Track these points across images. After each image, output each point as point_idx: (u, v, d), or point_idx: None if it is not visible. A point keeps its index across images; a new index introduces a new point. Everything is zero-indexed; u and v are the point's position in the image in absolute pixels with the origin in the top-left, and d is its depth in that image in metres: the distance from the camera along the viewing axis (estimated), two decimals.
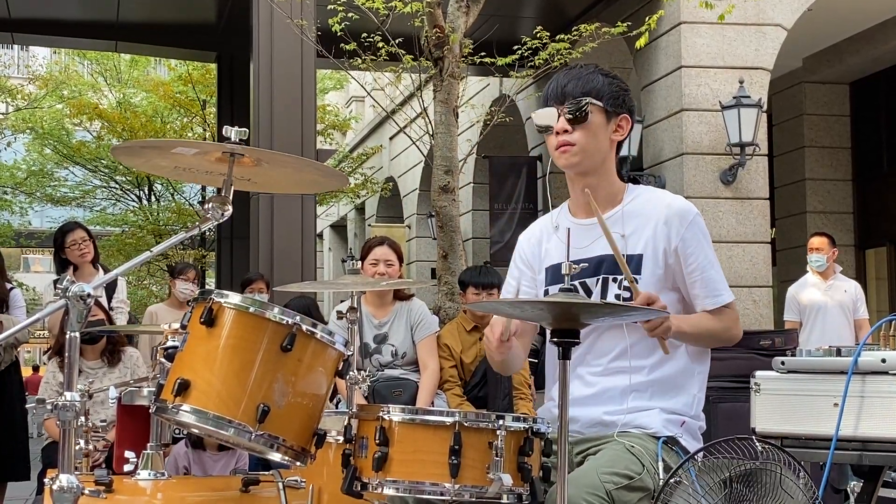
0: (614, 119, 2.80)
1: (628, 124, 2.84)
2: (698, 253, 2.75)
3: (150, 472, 3.20)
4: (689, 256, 2.75)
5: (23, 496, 7.79)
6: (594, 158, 2.80)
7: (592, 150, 2.78)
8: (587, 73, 2.81)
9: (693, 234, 2.76)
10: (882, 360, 2.88)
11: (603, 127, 2.78)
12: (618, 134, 2.82)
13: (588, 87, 2.77)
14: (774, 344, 5.32)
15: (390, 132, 18.69)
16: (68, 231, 6.41)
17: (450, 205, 8.07)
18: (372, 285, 4.51)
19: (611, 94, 2.78)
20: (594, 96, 2.76)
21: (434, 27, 8.01)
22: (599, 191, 2.82)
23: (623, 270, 2.59)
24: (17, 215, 23.21)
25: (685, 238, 2.75)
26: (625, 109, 2.82)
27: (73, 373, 2.36)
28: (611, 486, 2.47)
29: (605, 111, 2.78)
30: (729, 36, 10.19)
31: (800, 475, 2.51)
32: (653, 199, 2.83)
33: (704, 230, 2.80)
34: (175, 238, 2.84)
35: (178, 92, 18.87)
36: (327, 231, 26.47)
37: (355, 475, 2.47)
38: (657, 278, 2.75)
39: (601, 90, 2.77)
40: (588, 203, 2.84)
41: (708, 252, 2.78)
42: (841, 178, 12.87)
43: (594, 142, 2.77)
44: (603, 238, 2.75)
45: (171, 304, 7.03)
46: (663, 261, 2.76)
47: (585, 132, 2.76)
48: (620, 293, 2.73)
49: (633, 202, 2.83)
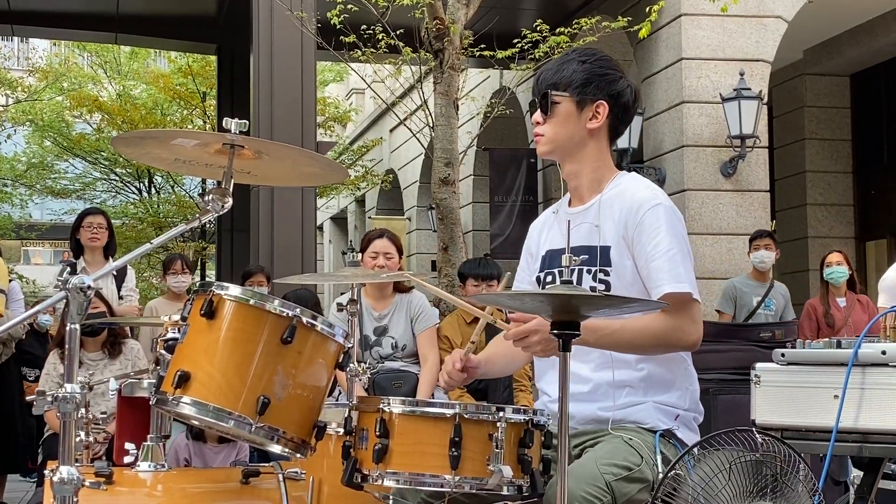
0: (588, 106, 2.77)
1: (605, 110, 2.78)
2: (648, 242, 2.66)
3: (150, 463, 3.20)
4: (639, 245, 2.68)
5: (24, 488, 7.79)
6: (565, 147, 2.81)
7: (562, 139, 2.79)
8: (564, 61, 2.81)
9: (649, 223, 2.67)
10: (882, 352, 2.88)
11: (572, 116, 2.78)
12: (595, 121, 2.78)
13: (558, 77, 2.78)
14: (775, 336, 5.33)
15: (390, 124, 18.66)
16: (88, 213, 6.56)
17: (450, 197, 8.08)
18: (372, 277, 4.51)
19: (581, 82, 2.76)
20: (562, 86, 2.77)
21: (434, 19, 8.00)
22: (582, 178, 2.83)
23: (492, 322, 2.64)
24: (18, 207, 23.19)
25: (639, 226, 2.68)
26: (600, 95, 2.77)
27: (73, 364, 2.36)
28: (610, 477, 2.48)
29: (575, 101, 2.76)
30: (729, 28, 10.17)
31: (800, 467, 2.52)
32: (628, 188, 2.78)
33: (666, 220, 2.67)
34: (175, 230, 2.84)
35: (178, 84, 18.85)
36: (327, 223, 26.45)
37: (355, 467, 2.47)
38: (626, 270, 2.71)
39: (571, 79, 2.76)
40: (574, 190, 2.85)
41: (660, 241, 2.65)
42: (841, 170, 12.85)
43: (562, 131, 2.78)
44: (581, 227, 2.75)
45: (169, 297, 7.05)
46: (627, 252, 2.71)
47: (553, 122, 2.79)
48: (595, 285, 2.72)
49: (611, 192, 2.79)
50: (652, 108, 10.66)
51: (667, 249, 2.64)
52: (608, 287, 2.71)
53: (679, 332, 2.62)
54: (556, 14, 10.88)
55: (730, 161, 10.06)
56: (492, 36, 9.76)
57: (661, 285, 2.62)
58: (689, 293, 2.62)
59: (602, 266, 2.72)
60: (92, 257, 6.33)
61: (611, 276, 2.71)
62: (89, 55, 21.98)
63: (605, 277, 2.72)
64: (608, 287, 2.71)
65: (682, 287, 2.61)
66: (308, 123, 9.11)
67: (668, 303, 2.52)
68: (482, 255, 11.00)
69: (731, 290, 8.08)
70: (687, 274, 2.64)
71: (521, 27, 9.61)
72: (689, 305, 2.64)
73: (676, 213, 2.74)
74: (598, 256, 2.73)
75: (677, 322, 2.61)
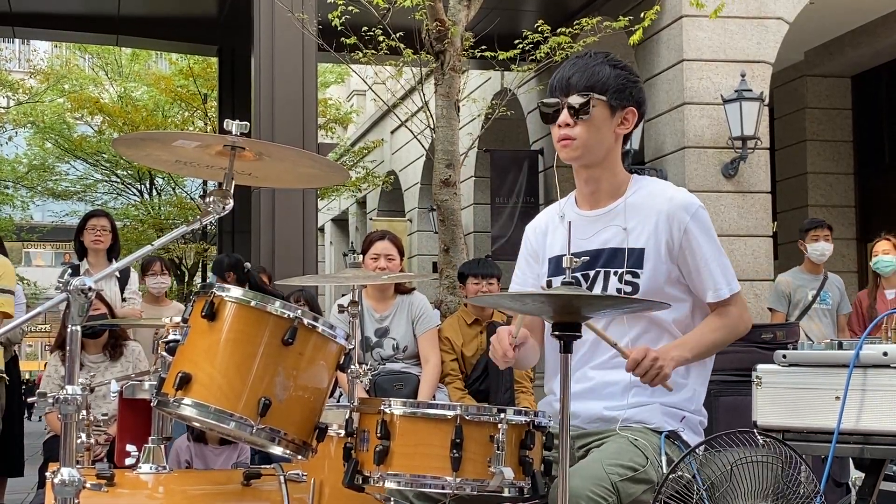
0: (619, 112, 2.77)
1: (634, 117, 2.79)
2: (699, 247, 2.73)
3: (151, 465, 3.20)
4: (690, 250, 2.73)
5: (25, 489, 7.79)
6: (596, 152, 2.77)
7: (594, 144, 2.75)
8: (594, 63, 2.76)
9: (695, 227, 2.73)
10: (884, 354, 2.88)
11: (606, 121, 2.76)
12: (623, 127, 2.79)
13: (593, 80, 2.73)
14: (776, 337, 5.32)
15: (391, 126, 18.66)
16: (93, 216, 6.54)
17: (451, 198, 8.07)
18: (373, 279, 4.51)
19: (616, 88, 2.75)
20: (598, 90, 2.73)
21: (435, 20, 7.99)
22: (602, 183, 2.82)
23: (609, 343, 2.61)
24: (19, 209, 23.21)
25: (687, 231, 2.73)
26: (631, 102, 2.78)
27: (74, 366, 2.36)
28: (616, 477, 2.48)
29: (610, 105, 2.75)
30: (730, 29, 10.17)
31: (801, 468, 2.51)
32: (655, 191, 2.80)
33: (707, 223, 2.78)
34: (176, 232, 2.83)
35: (179, 86, 18.86)
36: (329, 225, 26.44)
37: (357, 469, 2.47)
38: (660, 273, 2.73)
39: (606, 83, 2.74)
40: (591, 194, 2.84)
41: (710, 245, 2.75)
42: (842, 171, 12.84)
43: (596, 136, 2.75)
44: (605, 230, 2.76)
45: (148, 300, 7.04)
46: (666, 255, 2.73)
47: (588, 127, 2.73)
48: (621, 287, 2.73)
49: (636, 194, 2.80)
50: (653, 110, 10.65)
51: (717, 252, 2.78)
52: (636, 289, 2.72)
53: (742, 320, 2.81)
54: (556, 15, 10.88)
55: (731, 162, 10.05)
56: (493, 37, 9.75)
57: (720, 288, 2.76)
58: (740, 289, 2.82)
59: (631, 268, 2.73)
60: (95, 259, 6.34)
61: (641, 278, 2.72)
62: (90, 57, 22.02)
63: (634, 279, 2.73)
64: (636, 289, 2.72)
65: (737, 286, 2.80)
66: (309, 125, 9.12)
67: (669, 304, 2.53)
68: (483, 256, 11.01)
69: (783, 286, 7.52)
70: (733, 272, 2.81)
71: (523, 28, 9.60)
72: (741, 296, 2.83)
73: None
74: (626, 258, 2.73)
75: (739, 312, 2.80)
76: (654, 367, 2.52)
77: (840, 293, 7.51)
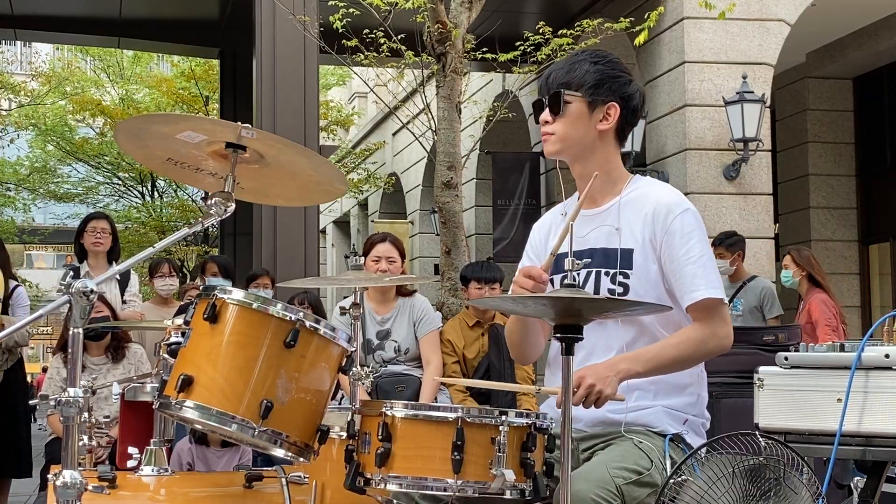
0: (600, 107, 2.77)
1: (617, 111, 2.78)
2: (680, 247, 2.68)
3: (153, 468, 3.20)
4: (670, 251, 2.69)
5: (26, 492, 7.79)
6: (575, 147, 2.79)
7: (572, 139, 2.77)
8: (575, 61, 2.80)
9: (679, 228, 2.69)
10: (885, 356, 2.88)
11: (584, 116, 2.76)
12: (605, 123, 2.77)
13: (569, 77, 2.76)
14: (778, 339, 5.32)
15: (393, 128, 18.65)
16: (93, 218, 6.56)
17: (453, 201, 8.07)
18: (375, 281, 4.51)
19: (594, 83, 2.75)
20: (574, 86, 2.75)
21: (437, 23, 8.00)
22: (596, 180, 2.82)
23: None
24: (21, 212, 23.24)
25: (669, 232, 2.69)
26: (612, 97, 2.77)
27: (76, 369, 2.36)
28: (620, 480, 2.47)
29: (587, 101, 2.76)
30: (732, 31, 10.17)
31: (803, 471, 2.51)
32: (648, 192, 2.79)
33: (692, 225, 2.70)
34: (178, 234, 2.82)
35: (180, 88, 18.90)
36: (330, 227, 26.44)
37: (358, 471, 2.47)
38: (649, 273, 2.71)
39: (583, 79, 2.75)
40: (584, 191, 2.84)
41: (692, 247, 2.67)
42: (844, 173, 12.83)
43: (573, 131, 2.76)
44: (599, 230, 2.75)
45: (156, 301, 7.04)
46: (652, 256, 2.71)
47: (564, 122, 2.77)
48: (613, 287, 2.72)
49: (631, 195, 2.79)
50: (655, 112, 10.65)
51: (699, 255, 2.68)
52: (627, 290, 2.71)
53: (715, 336, 2.66)
54: (558, 17, 10.88)
55: (733, 164, 10.05)
56: (494, 39, 9.76)
57: (696, 290, 2.65)
58: (721, 298, 2.67)
59: (622, 269, 2.72)
60: (96, 262, 6.33)
61: (631, 279, 2.70)
62: (92, 59, 22.04)
63: (625, 280, 2.71)
64: (627, 290, 2.71)
65: (717, 293, 2.66)
66: (311, 127, 9.12)
67: (670, 307, 2.52)
68: (485, 258, 11.00)
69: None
70: (717, 279, 2.69)
71: (524, 30, 9.61)
72: (720, 309, 2.68)
73: (700, 218, 2.78)
74: (619, 259, 2.72)
75: (712, 327, 2.67)
76: (593, 394, 2.47)
77: (760, 297, 7.49)
